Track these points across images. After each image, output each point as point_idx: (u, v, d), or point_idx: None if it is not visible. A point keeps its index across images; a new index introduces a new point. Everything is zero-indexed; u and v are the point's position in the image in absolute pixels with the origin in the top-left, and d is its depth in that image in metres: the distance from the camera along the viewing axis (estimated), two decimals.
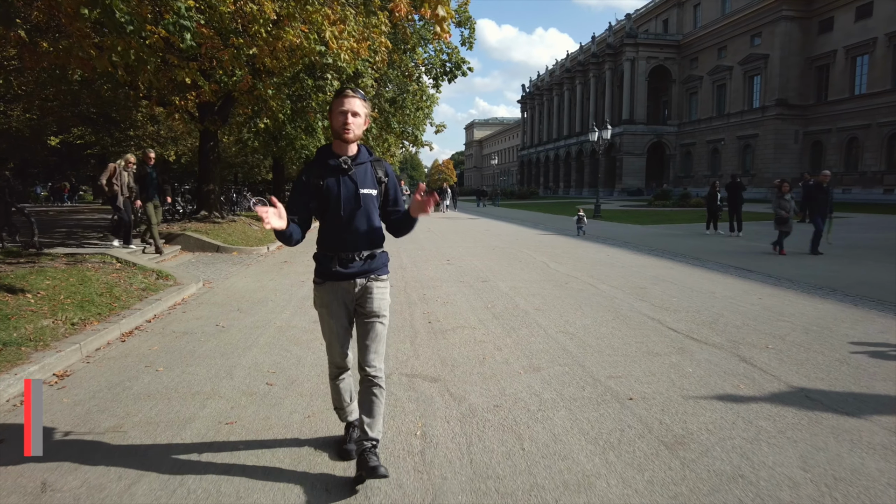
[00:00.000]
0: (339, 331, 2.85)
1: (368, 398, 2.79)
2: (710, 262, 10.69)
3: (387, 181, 2.86)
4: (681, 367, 4.42)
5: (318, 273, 2.84)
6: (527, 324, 5.80)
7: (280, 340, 5.30)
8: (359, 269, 2.76)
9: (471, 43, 14.75)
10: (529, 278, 8.73)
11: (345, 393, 3.02)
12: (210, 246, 12.42)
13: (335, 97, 2.74)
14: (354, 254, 2.75)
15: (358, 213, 2.72)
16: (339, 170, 2.71)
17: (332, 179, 2.71)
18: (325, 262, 2.78)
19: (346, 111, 2.63)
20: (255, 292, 7.84)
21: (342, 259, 2.74)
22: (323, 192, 2.71)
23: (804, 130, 45.62)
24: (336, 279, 2.76)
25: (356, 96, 2.68)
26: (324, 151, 2.80)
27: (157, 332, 5.72)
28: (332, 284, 2.78)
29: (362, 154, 2.80)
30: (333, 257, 2.74)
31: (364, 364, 2.79)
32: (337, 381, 3.00)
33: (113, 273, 7.89)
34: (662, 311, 6.43)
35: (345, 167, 2.71)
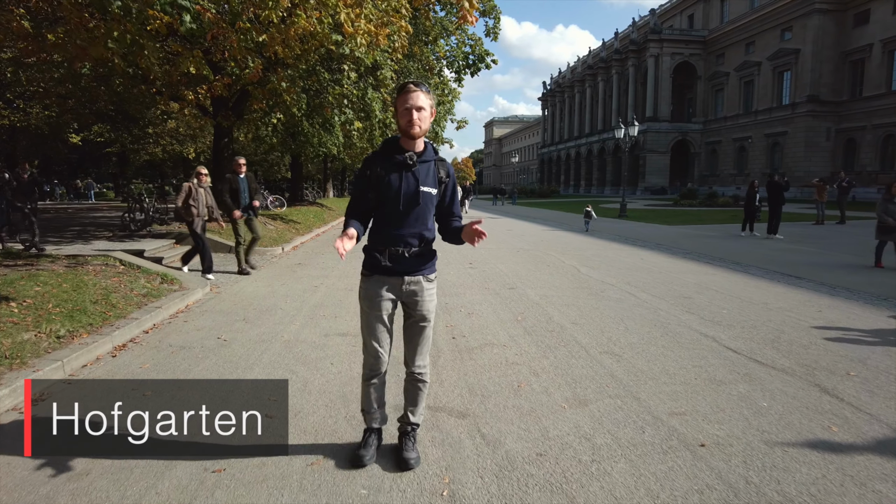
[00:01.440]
0: (379, 327, 2.81)
1: (415, 391, 2.95)
2: (753, 268, 9.91)
3: (447, 182, 2.86)
4: (753, 401, 3.73)
5: (366, 265, 2.82)
6: (564, 341, 5.13)
7: (286, 359, 4.70)
8: (408, 267, 2.77)
9: (495, 34, 14.03)
10: (560, 285, 8.05)
11: (375, 397, 2.96)
12: (223, 246, 11.90)
13: (398, 93, 2.70)
14: (405, 250, 2.74)
15: (415, 210, 2.72)
16: (403, 165, 2.71)
17: (394, 174, 2.70)
18: (374, 256, 2.77)
19: (411, 107, 2.61)
20: (265, 298, 7.27)
21: (392, 254, 2.74)
22: (383, 185, 2.69)
23: (837, 128, 44.13)
24: (384, 273, 2.76)
25: (419, 90, 2.64)
26: (390, 144, 2.78)
27: (152, 346, 5.16)
28: (379, 278, 2.78)
29: (428, 151, 2.79)
30: (384, 251, 2.74)
31: (412, 364, 2.90)
32: (370, 383, 2.92)
33: (114, 277, 7.39)
34: (715, 326, 5.72)
35: (410, 163, 2.70)
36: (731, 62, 54.30)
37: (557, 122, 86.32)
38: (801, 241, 14.48)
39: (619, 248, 13.19)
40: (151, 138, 34.14)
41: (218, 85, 11.05)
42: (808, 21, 43.99)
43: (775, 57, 47.93)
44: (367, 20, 7.37)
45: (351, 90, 10.44)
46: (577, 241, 14.70)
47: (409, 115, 2.62)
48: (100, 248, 9.95)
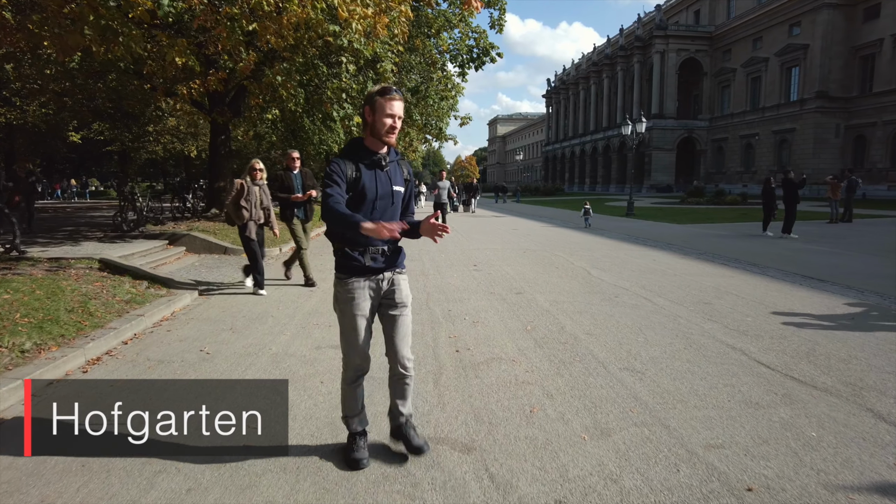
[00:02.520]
0: (364, 328, 2.83)
1: (402, 387, 2.97)
2: (771, 270, 9.42)
3: (410, 180, 2.96)
4: (799, 429, 3.26)
5: (344, 269, 2.82)
6: (579, 355, 4.66)
7: (272, 376, 4.25)
8: (386, 265, 2.83)
9: (500, 26, 13.50)
10: (571, 289, 7.57)
11: (360, 399, 3.01)
12: (217, 247, 11.49)
13: (380, 95, 2.70)
14: (383, 248, 2.80)
15: (390, 209, 2.80)
16: (376, 165, 2.77)
17: (368, 174, 2.74)
18: (353, 258, 2.78)
19: (394, 115, 2.68)
20: (256, 304, 6.83)
21: (373, 253, 2.79)
22: (360, 187, 2.72)
23: (846, 124, 43.44)
24: (367, 274, 2.80)
25: (402, 99, 2.75)
26: (357, 146, 2.81)
27: (128, 360, 4.72)
28: (358, 279, 2.80)
29: (391, 152, 2.86)
30: (364, 252, 2.78)
31: (398, 357, 2.89)
32: (354, 385, 2.96)
33: (96, 282, 6.95)
34: (742, 337, 5.24)
35: (383, 164, 2.77)
36: (737, 58, 53.60)
37: (562, 120, 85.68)
38: (816, 241, 13.97)
39: (629, 248, 12.70)
40: (152, 136, 33.69)
41: (212, 79, 10.61)
42: (817, 16, 43.30)
43: (783, 52, 47.24)
44: (364, 5, 6.91)
45: (350, 84, 9.98)
46: (585, 241, 14.21)
47: (392, 121, 2.69)
48: (88, 249, 9.54)
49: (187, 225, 12.89)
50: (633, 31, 64.47)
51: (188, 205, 15.93)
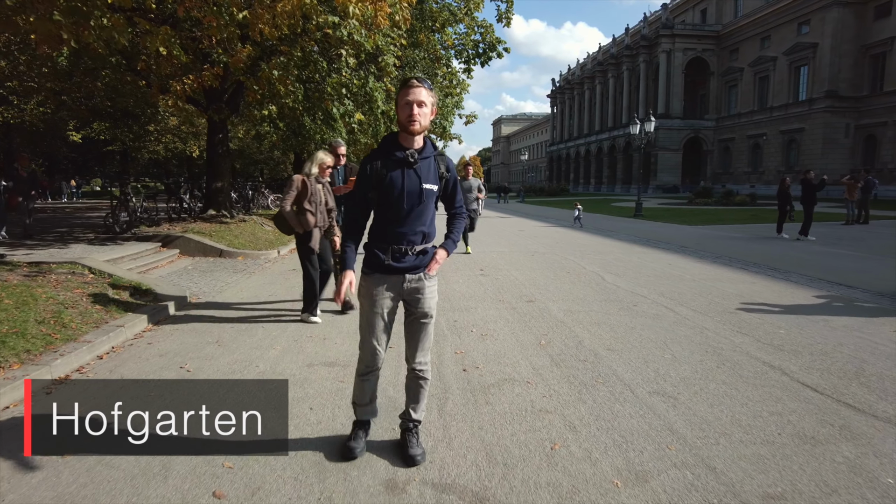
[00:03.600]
0: (379, 325, 2.79)
1: (416, 388, 2.93)
2: (794, 274, 8.91)
3: (448, 176, 2.84)
4: (870, 473, 2.76)
5: (367, 263, 2.78)
6: (602, 376, 4.16)
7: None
8: (410, 264, 2.75)
9: (508, 19, 12.96)
10: (586, 297, 7.07)
11: (368, 392, 2.98)
12: (212, 250, 11.02)
13: (400, 88, 2.66)
14: (408, 248, 2.72)
15: (418, 208, 2.69)
16: (404, 162, 2.67)
17: (396, 172, 2.66)
18: (376, 254, 2.74)
19: (412, 101, 2.58)
20: (246, 313, 6.35)
21: (395, 252, 2.71)
22: (385, 184, 2.65)
23: (856, 124, 42.78)
24: (386, 272, 2.73)
25: (422, 86, 2.61)
26: (389, 142, 2.74)
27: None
28: (381, 276, 2.74)
29: (427, 147, 2.76)
30: (387, 249, 2.71)
31: (413, 360, 2.88)
32: (364, 378, 2.93)
33: (77, 288, 6.48)
34: (778, 353, 4.74)
35: (411, 161, 2.67)
36: (745, 57, 52.97)
37: (567, 120, 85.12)
38: (835, 244, 13.44)
39: (642, 251, 12.18)
40: (153, 136, 33.30)
41: (207, 75, 10.16)
42: (827, 14, 42.68)
43: (792, 51, 46.60)
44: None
45: (350, 79, 9.50)
46: (594, 243, 13.69)
47: (410, 108, 2.58)
48: (76, 252, 9.08)
49: (182, 226, 12.43)
50: (638, 31, 63.91)
51: (185, 205, 15.47)
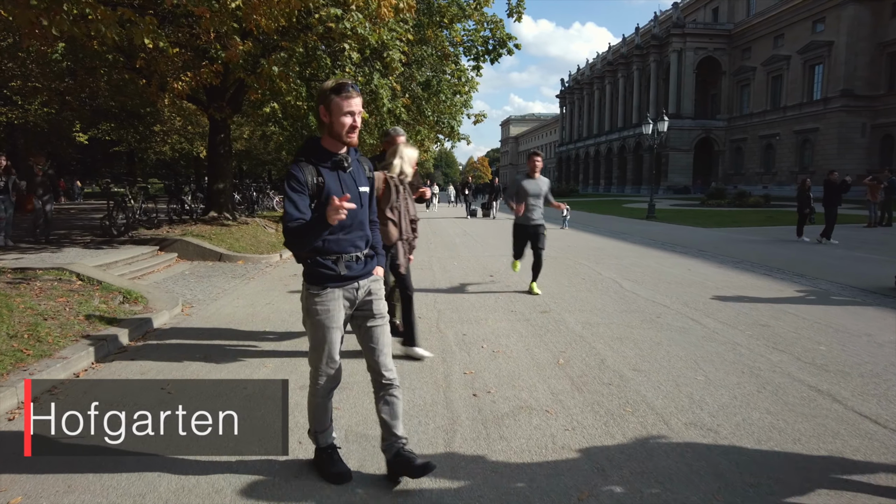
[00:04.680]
0: (338, 339, 2.68)
1: (392, 402, 2.73)
2: (822, 282, 8.40)
3: (371, 177, 2.75)
4: None
5: (316, 279, 2.61)
6: (629, 403, 3.69)
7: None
8: (362, 271, 2.69)
9: (519, 13, 12.47)
10: (604, 307, 6.59)
11: (329, 412, 2.85)
12: (212, 254, 10.63)
13: (335, 93, 2.47)
14: (356, 254, 2.65)
15: (359, 212, 2.60)
16: (338, 167, 2.57)
17: (331, 178, 2.55)
18: (327, 267, 2.59)
19: (354, 112, 2.49)
20: (241, 324, 5.93)
21: (347, 261, 2.62)
22: (324, 192, 2.50)
23: (872, 123, 41.91)
24: (338, 283, 2.61)
25: (357, 93, 2.51)
26: (315, 147, 2.58)
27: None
28: (333, 289, 2.62)
29: (351, 150, 2.65)
30: (338, 259, 2.60)
31: (381, 369, 2.71)
32: (326, 398, 2.79)
33: (61, 297, 6.09)
34: (823, 375, 4.25)
35: (346, 165, 2.58)
36: (758, 56, 52.14)
37: (576, 120, 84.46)
38: (859, 247, 12.88)
39: (658, 255, 11.67)
40: (158, 136, 33.06)
41: (205, 72, 9.77)
42: (843, 11, 41.84)
43: (806, 50, 45.77)
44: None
45: (354, 76, 9.07)
46: (609, 247, 13.18)
47: (352, 119, 2.49)
48: (68, 256, 8.72)
49: (182, 229, 12.06)
50: (649, 30, 63.20)
51: (186, 207, 15.11)
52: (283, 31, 9.34)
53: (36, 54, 13.63)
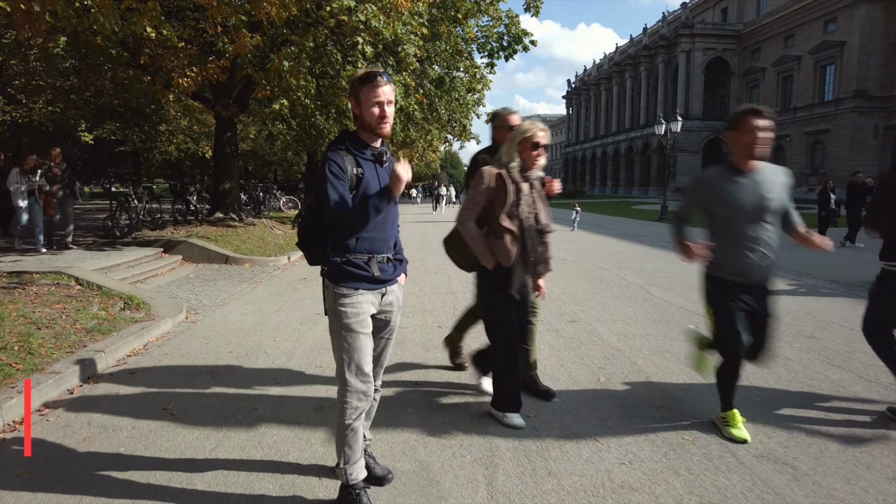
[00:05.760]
0: (369, 348, 2.43)
1: (371, 406, 2.68)
2: (857, 288, 7.95)
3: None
4: None
5: (348, 279, 2.37)
6: (689, 430, 3.28)
7: (249, 465, 2.95)
8: (392, 275, 2.51)
9: (537, 8, 12.04)
10: (636, 316, 6.17)
11: (362, 438, 2.51)
12: (217, 256, 10.25)
13: (362, 84, 2.33)
14: (388, 256, 2.49)
15: (392, 210, 2.45)
16: (378, 160, 2.42)
17: (370, 173, 2.38)
18: (360, 267, 2.38)
19: (383, 102, 2.31)
20: (249, 333, 5.54)
21: (380, 262, 2.44)
22: (362, 186, 2.34)
23: (885, 124, 41.29)
24: (370, 286, 2.42)
25: (389, 82, 2.35)
26: (353, 138, 2.42)
27: (61, 425, 3.45)
28: (364, 292, 2.41)
29: (384, 145, 2.48)
30: (370, 260, 2.41)
31: (374, 382, 2.57)
32: (359, 421, 2.42)
33: (58, 303, 5.72)
34: (891, 394, 3.84)
35: (383, 160, 2.43)
36: (768, 57, 51.56)
37: (583, 121, 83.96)
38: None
39: (680, 259, 11.23)
40: (164, 136, 32.75)
41: (212, 67, 9.40)
42: (855, 11, 41.24)
43: (818, 50, 45.18)
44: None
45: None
46: (627, 250, 12.73)
47: (381, 109, 2.31)
48: (69, 259, 8.35)
49: (187, 230, 11.69)
50: (657, 30, 62.68)
51: (192, 207, 14.75)
52: (292, 25, 8.97)
53: (38, 49, 13.30)
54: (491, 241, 3.17)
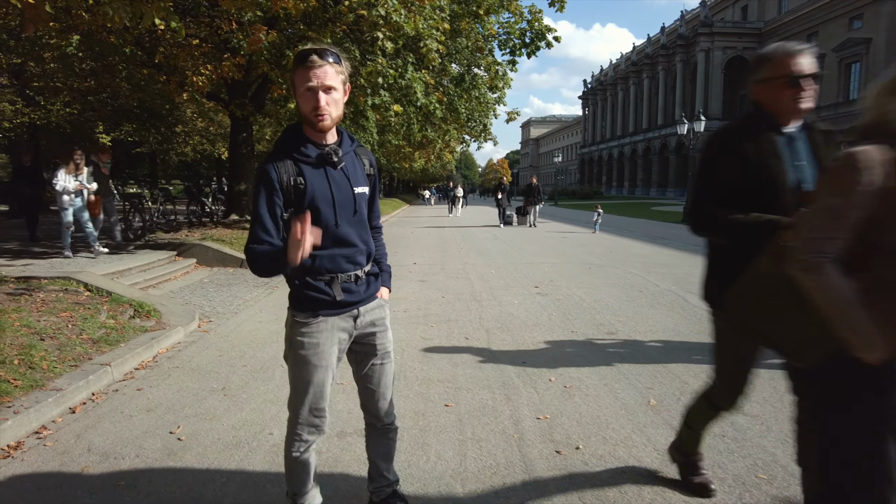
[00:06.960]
0: (327, 382, 2.06)
1: (389, 444, 2.32)
2: None
3: (373, 174, 2.14)
4: None
5: (305, 304, 1.99)
6: (759, 464, 2.87)
7: (265, 499, 2.62)
8: (364, 294, 2.08)
9: (562, 3, 11.65)
10: (677, 328, 5.74)
11: (312, 469, 2.19)
12: (232, 259, 9.98)
13: (296, 65, 1.87)
14: (356, 272, 2.04)
15: (354, 218, 2.01)
16: (324, 162, 1.94)
17: (316, 176, 1.92)
18: (318, 290, 1.97)
19: (316, 87, 1.83)
20: (265, 344, 5.23)
21: (345, 283, 2.01)
22: (307, 195, 1.89)
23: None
24: (333, 310, 2.01)
25: (326, 62, 1.84)
26: (295, 136, 1.97)
27: (55, 455, 3.13)
28: (326, 318, 2.01)
29: (345, 139, 2.04)
30: (332, 281, 1.98)
31: (380, 413, 2.24)
32: (308, 454, 2.11)
33: (64, 311, 5.45)
34: None
35: (334, 159, 1.94)
36: None
37: (599, 122, 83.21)
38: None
39: None
40: (180, 137, 32.78)
41: (227, 65, 9.14)
42: (882, 7, 40.26)
43: (842, 48, 44.21)
44: None
45: (387, 69, 8.34)
46: (654, 254, 12.26)
47: (315, 98, 1.83)
48: (79, 263, 8.10)
49: (202, 233, 11.45)
50: (675, 29, 61.87)
51: (207, 209, 14.54)
52: (309, 21, 8.68)
53: (53, 49, 13.16)
54: (885, 306, 1.52)
